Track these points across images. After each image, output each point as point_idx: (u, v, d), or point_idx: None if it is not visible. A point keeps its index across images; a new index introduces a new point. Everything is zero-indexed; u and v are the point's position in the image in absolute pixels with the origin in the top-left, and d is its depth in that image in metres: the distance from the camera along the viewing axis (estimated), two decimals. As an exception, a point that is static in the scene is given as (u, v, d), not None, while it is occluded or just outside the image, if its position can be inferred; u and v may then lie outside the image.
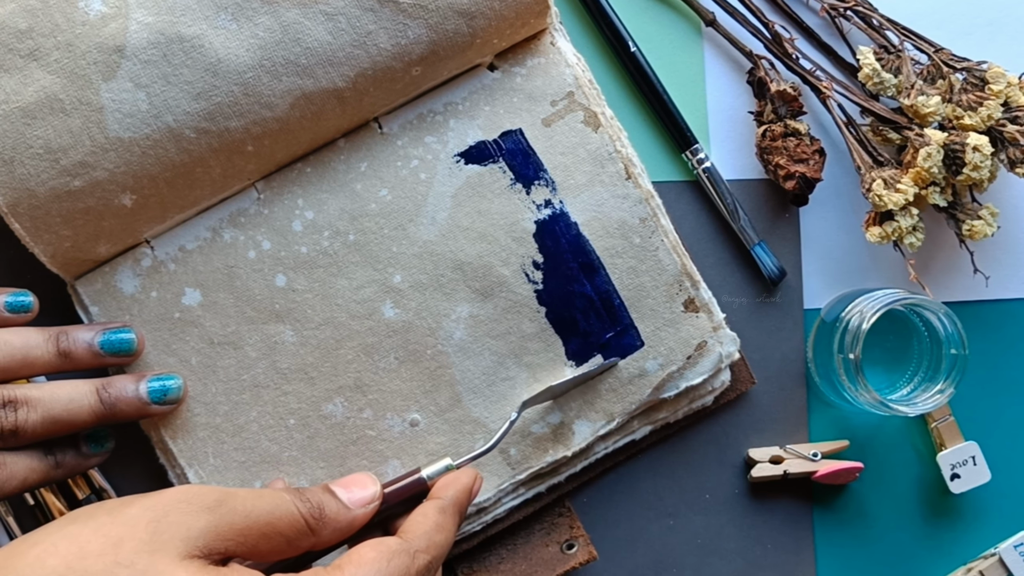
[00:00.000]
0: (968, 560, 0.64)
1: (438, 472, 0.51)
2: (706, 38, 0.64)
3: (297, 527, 0.45)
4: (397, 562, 0.45)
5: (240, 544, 0.43)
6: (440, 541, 0.48)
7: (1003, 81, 0.58)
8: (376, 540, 0.46)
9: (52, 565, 0.39)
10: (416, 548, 0.46)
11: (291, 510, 0.45)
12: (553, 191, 0.57)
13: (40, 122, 0.51)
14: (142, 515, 0.42)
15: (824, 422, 0.64)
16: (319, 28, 0.53)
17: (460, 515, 0.50)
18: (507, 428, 0.55)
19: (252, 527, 0.43)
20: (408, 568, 0.45)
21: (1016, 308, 0.65)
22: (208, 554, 0.42)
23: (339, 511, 0.47)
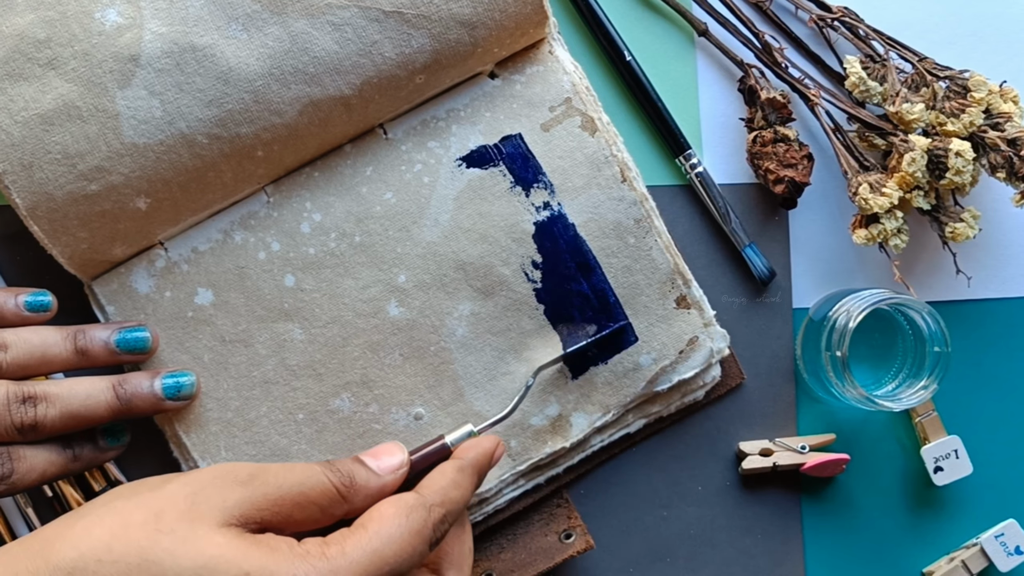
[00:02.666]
0: (951, 550, 0.64)
1: (460, 438, 0.52)
2: (699, 47, 0.63)
3: (329, 496, 0.46)
4: (415, 516, 0.45)
5: (275, 514, 0.44)
6: (455, 497, 0.48)
7: (984, 89, 0.58)
8: (394, 497, 0.47)
9: (98, 535, 0.41)
10: (432, 502, 0.47)
11: (322, 480, 0.46)
12: (551, 193, 0.58)
13: (58, 128, 0.52)
14: (181, 489, 0.43)
15: (812, 416, 0.63)
16: (326, 38, 0.53)
17: (478, 475, 0.50)
18: (524, 393, 0.55)
19: (285, 497, 0.44)
20: (425, 521, 0.46)
21: (997, 307, 0.65)
22: (244, 523, 0.43)
23: (369, 478, 0.48)
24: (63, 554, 0.40)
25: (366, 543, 0.44)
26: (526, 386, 0.56)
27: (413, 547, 0.45)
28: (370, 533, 0.44)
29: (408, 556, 0.45)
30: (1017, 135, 0.58)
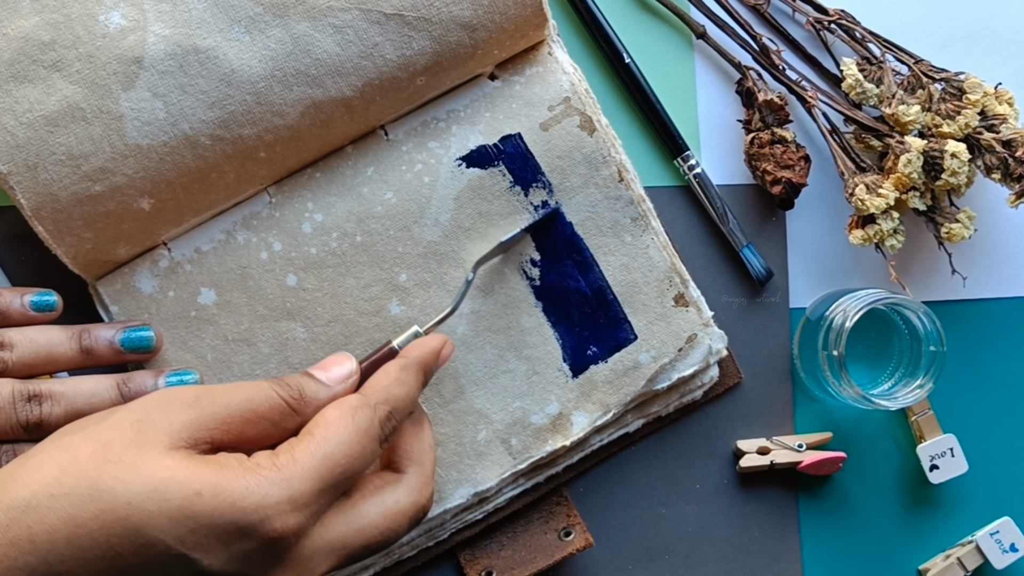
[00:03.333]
0: (946, 547, 0.64)
1: (407, 340, 0.52)
2: (697, 50, 0.64)
3: (279, 410, 0.45)
4: (360, 416, 0.45)
5: (225, 433, 0.43)
6: (400, 393, 0.48)
7: (980, 91, 0.59)
8: (337, 400, 0.46)
9: (47, 471, 0.41)
10: (376, 401, 0.47)
11: (270, 395, 0.45)
12: (550, 193, 0.58)
13: (62, 130, 0.52)
14: (126, 418, 0.43)
15: (809, 415, 0.64)
16: (328, 40, 0.53)
17: (423, 373, 0.50)
18: (465, 289, 0.55)
19: (233, 415, 0.44)
20: (371, 420, 0.45)
21: (992, 307, 0.65)
22: (193, 444, 0.42)
23: (319, 390, 0.47)
24: (15, 494, 0.40)
25: (315, 448, 0.43)
26: (466, 281, 0.55)
27: (362, 446, 0.45)
28: (318, 438, 0.44)
29: (359, 455, 0.44)
30: (1012, 136, 0.58)
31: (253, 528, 0.41)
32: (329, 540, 0.44)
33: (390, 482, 0.48)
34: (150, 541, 0.40)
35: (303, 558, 0.43)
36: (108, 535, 0.40)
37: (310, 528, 0.43)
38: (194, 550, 0.40)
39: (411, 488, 0.48)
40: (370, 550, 0.46)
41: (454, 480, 0.58)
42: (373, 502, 0.47)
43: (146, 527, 0.40)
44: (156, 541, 0.40)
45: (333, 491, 0.44)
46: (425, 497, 0.48)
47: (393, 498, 0.47)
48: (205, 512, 0.40)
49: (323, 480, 0.43)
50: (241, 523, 0.41)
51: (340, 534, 0.45)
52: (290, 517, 0.42)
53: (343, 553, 0.45)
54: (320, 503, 0.43)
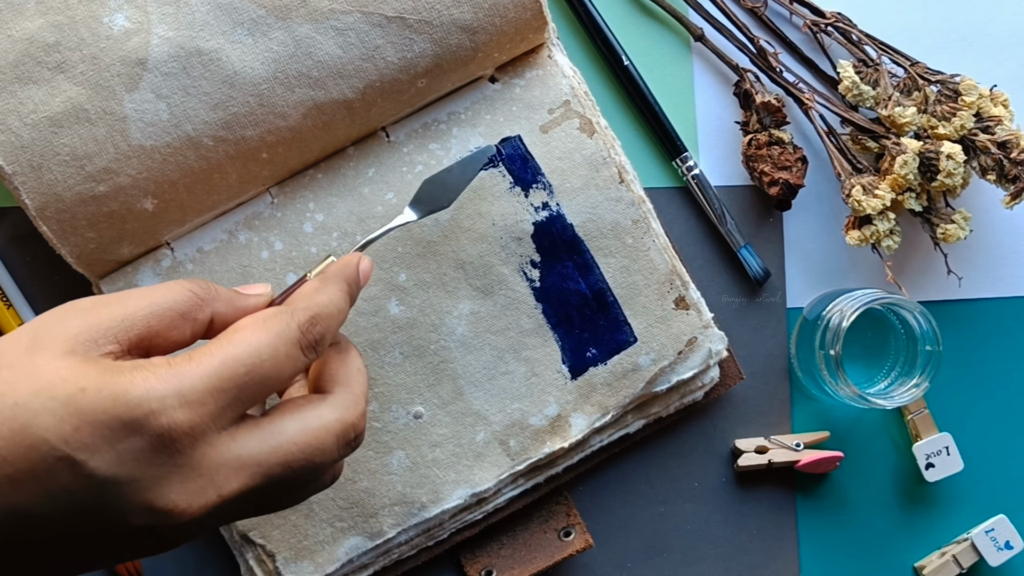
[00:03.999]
0: (942, 545, 0.64)
1: (322, 268, 0.49)
2: (695, 52, 0.64)
3: (184, 301, 0.42)
4: (275, 320, 0.42)
5: (128, 331, 0.40)
6: (321, 300, 0.44)
7: (975, 93, 0.59)
8: (253, 314, 0.43)
9: None
10: (294, 309, 0.43)
11: (173, 288, 0.42)
12: (550, 194, 0.58)
13: (67, 131, 0.52)
14: (23, 329, 0.40)
15: (806, 414, 0.64)
16: (330, 43, 0.53)
17: (345, 283, 0.46)
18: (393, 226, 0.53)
19: (134, 315, 0.41)
20: (288, 323, 0.42)
21: (987, 307, 0.65)
22: (93, 348, 0.40)
23: (228, 291, 0.45)
24: None
25: (215, 349, 0.40)
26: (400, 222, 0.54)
27: (274, 348, 0.41)
28: (222, 342, 0.40)
29: (269, 356, 0.41)
30: (1007, 138, 0.58)
31: (138, 423, 0.37)
32: (238, 454, 0.40)
33: (313, 401, 0.44)
34: (35, 442, 0.37)
35: (205, 468, 0.39)
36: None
37: (210, 434, 0.39)
38: (80, 450, 0.37)
39: (336, 406, 0.43)
40: (291, 469, 0.41)
41: (452, 481, 0.58)
42: (292, 418, 0.42)
43: (31, 426, 0.37)
44: (41, 441, 0.37)
45: (236, 394, 0.40)
46: (354, 415, 0.44)
47: (315, 414, 0.43)
48: (89, 407, 0.37)
49: (221, 378, 0.39)
50: (125, 417, 0.37)
51: (252, 449, 0.40)
52: (178, 412, 0.38)
53: (258, 471, 0.40)
54: (218, 404, 0.39)
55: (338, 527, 0.57)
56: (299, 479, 0.42)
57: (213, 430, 0.39)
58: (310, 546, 0.57)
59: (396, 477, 0.57)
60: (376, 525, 0.58)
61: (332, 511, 0.57)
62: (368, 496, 0.57)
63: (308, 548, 0.57)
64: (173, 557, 0.60)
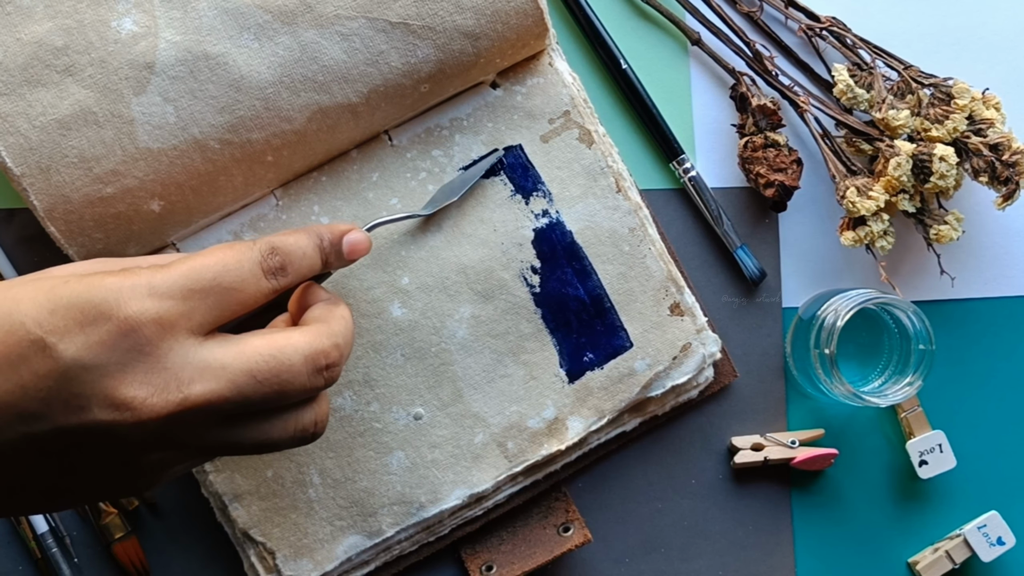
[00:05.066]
0: (935, 540, 0.64)
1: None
2: (692, 56, 0.64)
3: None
4: (239, 245, 0.43)
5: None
6: (285, 238, 0.45)
7: (967, 96, 0.59)
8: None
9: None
10: (257, 239, 0.45)
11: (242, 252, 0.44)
12: (550, 202, 0.58)
13: (75, 133, 0.52)
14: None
15: (801, 412, 0.64)
16: (335, 48, 0.53)
17: (318, 236, 0.47)
18: (392, 218, 0.54)
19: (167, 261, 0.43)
20: (251, 247, 0.44)
21: (980, 306, 0.65)
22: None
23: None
24: None
25: (188, 258, 0.42)
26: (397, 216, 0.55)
27: (239, 262, 0.42)
28: (194, 255, 0.42)
29: (234, 267, 0.42)
30: (999, 140, 0.59)
31: (109, 307, 0.39)
32: (203, 356, 0.40)
33: (285, 328, 0.44)
34: (13, 327, 0.38)
35: (170, 363, 0.40)
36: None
37: (177, 331, 0.40)
38: (51, 333, 0.38)
39: (307, 332, 0.44)
40: (257, 380, 0.41)
41: (450, 482, 0.58)
42: (260, 335, 0.43)
43: (13, 313, 0.38)
44: (18, 326, 0.38)
45: (202, 297, 0.41)
46: (326, 343, 0.43)
47: (284, 334, 0.43)
48: (66, 293, 0.39)
49: (188, 279, 0.41)
50: (97, 301, 0.39)
51: (218, 354, 0.41)
52: (148, 301, 0.39)
53: (222, 375, 0.40)
54: (186, 303, 0.40)
55: (337, 526, 0.57)
56: (267, 397, 0.42)
57: (181, 328, 0.40)
58: (310, 544, 0.57)
59: (395, 477, 0.58)
60: (375, 524, 0.58)
61: (332, 510, 0.57)
62: (367, 495, 0.58)
63: (308, 546, 0.57)
64: (178, 555, 0.60)
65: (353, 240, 0.49)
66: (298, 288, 0.48)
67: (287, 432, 0.44)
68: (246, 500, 0.57)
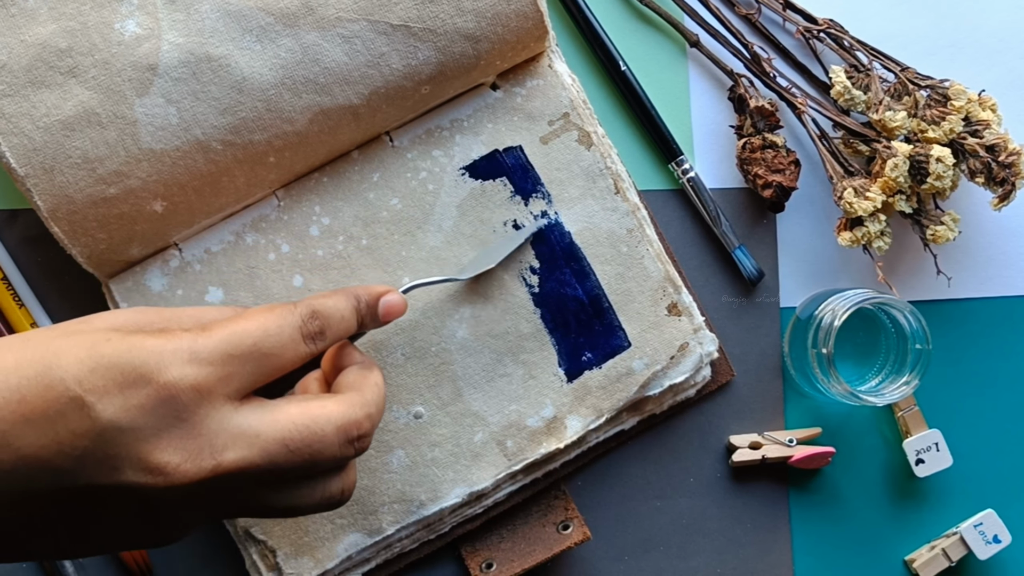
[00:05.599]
0: (932, 538, 0.64)
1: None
2: (690, 58, 0.64)
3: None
4: (279, 309, 0.44)
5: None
6: (324, 301, 0.46)
7: (964, 98, 0.59)
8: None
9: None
10: (297, 302, 0.45)
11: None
12: (549, 203, 0.59)
13: (78, 134, 0.52)
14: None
15: (799, 411, 0.64)
16: (336, 50, 0.53)
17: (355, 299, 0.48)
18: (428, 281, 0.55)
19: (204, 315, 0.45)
20: (291, 311, 0.44)
21: (976, 306, 0.65)
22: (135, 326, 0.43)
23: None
24: None
25: (228, 323, 0.42)
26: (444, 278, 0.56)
27: (279, 327, 0.43)
28: (234, 319, 0.43)
29: (275, 332, 0.42)
30: (995, 142, 0.59)
31: (149, 371, 0.39)
32: (238, 423, 0.41)
33: (321, 396, 0.45)
34: (53, 382, 0.38)
35: (205, 430, 0.40)
36: (19, 376, 0.38)
37: (214, 397, 0.40)
38: (90, 392, 0.38)
39: (342, 401, 0.44)
40: (289, 449, 0.42)
41: (450, 480, 0.58)
42: (295, 402, 0.43)
43: (53, 367, 0.38)
44: (58, 381, 0.38)
45: (242, 363, 0.41)
46: (359, 414, 0.44)
47: (319, 403, 0.43)
48: (108, 352, 0.39)
49: (230, 344, 0.41)
50: (138, 364, 0.39)
51: (252, 421, 0.41)
52: (188, 367, 0.40)
53: (256, 443, 0.41)
54: (225, 369, 0.41)
55: (338, 524, 0.57)
56: (297, 467, 0.42)
57: (218, 394, 0.40)
58: (310, 542, 0.57)
59: (396, 475, 0.58)
60: (375, 522, 0.58)
61: None
62: (368, 494, 0.58)
63: (308, 544, 0.57)
64: (181, 552, 0.61)
65: (389, 302, 0.50)
66: (333, 347, 0.48)
67: (314, 499, 0.45)
68: (248, 498, 0.57)
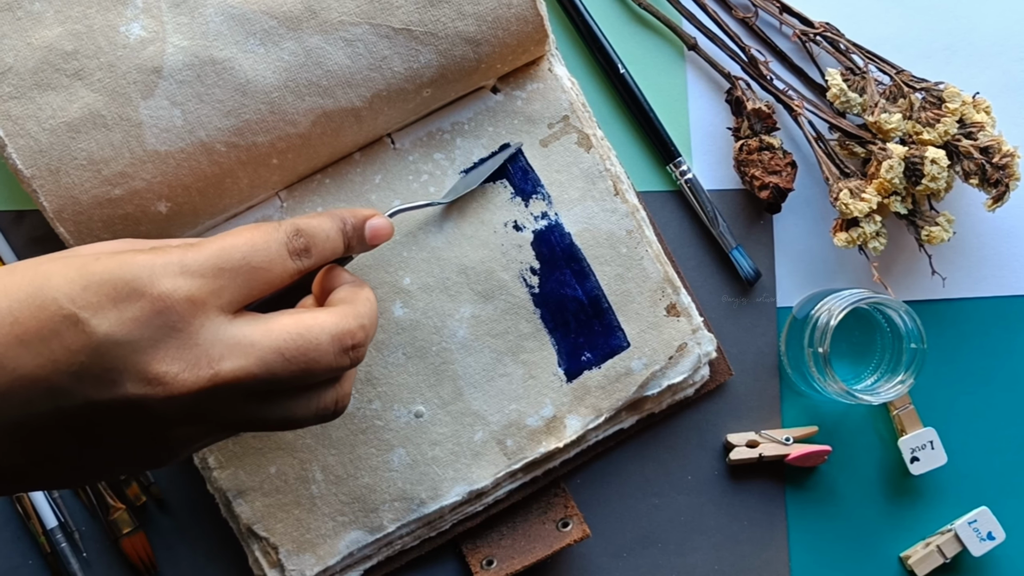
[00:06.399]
0: (926, 535, 0.65)
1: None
2: (688, 61, 0.64)
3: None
4: (265, 226, 0.44)
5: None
6: (309, 220, 0.46)
7: (958, 100, 0.59)
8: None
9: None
10: (281, 221, 0.45)
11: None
12: (549, 204, 0.59)
13: (84, 136, 0.52)
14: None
15: (795, 410, 0.64)
16: (339, 53, 0.53)
17: (340, 220, 0.48)
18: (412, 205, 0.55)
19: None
20: (276, 228, 0.44)
21: (970, 306, 0.65)
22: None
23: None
24: None
25: (218, 238, 0.42)
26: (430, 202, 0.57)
27: (266, 242, 0.43)
28: (223, 235, 0.43)
29: (262, 246, 0.43)
30: (989, 143, 0.59)
31: (142, 284, 0.39)
32: (233, 333, 0.41)
33: (312, 308, 0.45)
34: (45, 302, 0.38)
35: (201, 340, 0.40)
36: (10, 300, 0.38)
37: (208, 308, 0.40)
38: (84, 308, 0.38)
39: (334, 312, 0.44)
40: (285, 358, 0.42)
41: (451, 479, 0.58)
42: (288, 314, 0.43)
43: (44, 287, 0.38)
44: (50, 301, 0.38)
45: (232, 276, 0.41)
46: (352, 324, 0.44)
47: (311, 313, 0.43)
48: (98, 270, 0.39)
49: (219, 257, 0.41)
50: (130, 278, 0.39)
51: (247, 331, 0.41)
52: (180, 279, 0.40)
53: (251, 352, 0.41)
54: (216, 281, 0.41)
55: (339, 521, 0.58)
56: (294, 375, 0.42)
57: (211, 306, 0.40)
58: (312, 539, 0.57)
59: (397, 474, 0.58)
60: (376, 520, 0.58)
61: (334, 506, 0.58)
62: (369, 492, 0.58)
63: (310, 541, 0.57)
64: (184, 549, 0.61)
65: (375, 225, 0.49)
66: (322, 270, 0.48)
67: (310, 410, 0.44)
68: (250, 496, 0.57)
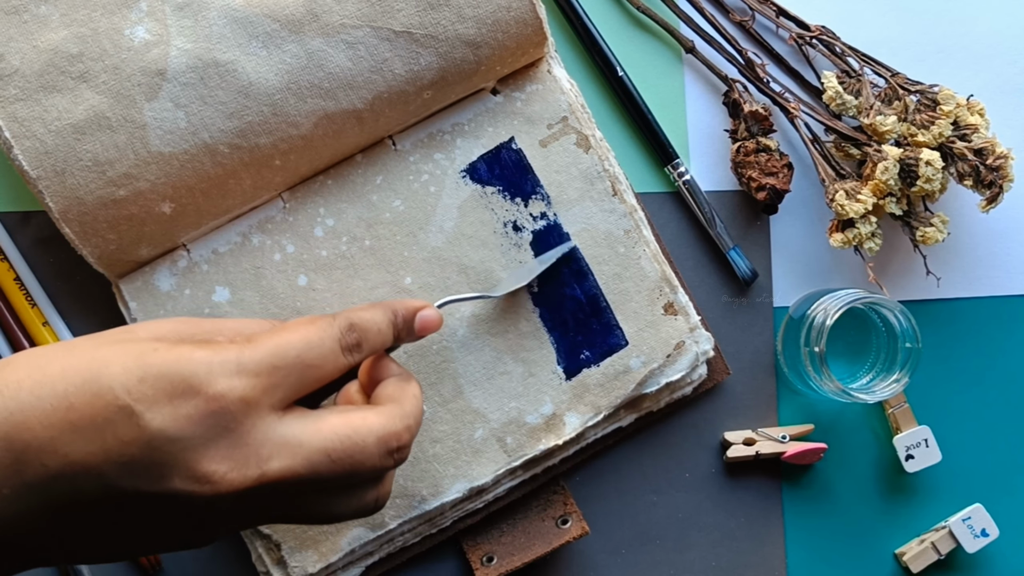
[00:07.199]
0: (921, 532, 0.65)
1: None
2: (686, 63, 0.64)
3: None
4: (319, 322, 0.44)
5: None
6: (361, 314, 0.46)
7: (953, 102, 0.59)
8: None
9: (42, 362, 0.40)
10: (335, 315, 0.45)
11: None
12: (548, 205, 0.59)
13: (89, 137, 0.52)
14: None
15: (792, 408, 0.64)
16: (341, 55, 0.54)
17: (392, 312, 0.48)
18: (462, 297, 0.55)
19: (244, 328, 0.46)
20: (330, 323, 0.44)
21: (964, 306, 0.65)
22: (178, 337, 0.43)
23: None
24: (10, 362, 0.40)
25: (273, 335, 0.42)
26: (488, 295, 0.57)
27: (320, 338, 0.43)
28: (279, 331, 0.43)
29: (316, 344, 0.43)
30: (983, 145, 0.59)
31: (198, 382, 0.39)
32: (283, 433, 0.41)
33: (362, 407, 0.45)
34: (101, 390, 0.38)
35: (251, 440, 0.40)
36: (67, 383, 0.38)
37: (261, 408, 0.40)
38: (139, 401, 0.38)
39: (382, 413, 0.44)
40: (331, 459, 0.42)
41: (451, 475, 0.58)
42: (336, 413, 0.43)
43: (102, 375, 0.38)
44: (106, 390, 0.38)
45: (286, 374, 0.41)
46: (399, 426, 0.44)
47: (360, 414, 0.44)
48: (156, 362, 0.39)
49: (274, 356, 0.41)
50: (187, 374, 0.39)
51: (296, 430, 0.41)
52: (236, 379, 0.40)
53: (299, 453, 0.41)
54: (271, 380, 0.41)
55: (341, 519, 0.58)
56: (338, 476, 0.42)
57: (264, 405, 0.41)
58: (314, 536, 0.57)
59: (398, 471, 0.58)
60: (378, 517, 0.58)
61: None
62: (370, 489, 0.58)
63: (312, 538, 0.57)
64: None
65: (425, 316, 0.50)
66: (370, 359, 0.49)
67: (350, 507, 0.45)
68: (253, 495, 0.58)
